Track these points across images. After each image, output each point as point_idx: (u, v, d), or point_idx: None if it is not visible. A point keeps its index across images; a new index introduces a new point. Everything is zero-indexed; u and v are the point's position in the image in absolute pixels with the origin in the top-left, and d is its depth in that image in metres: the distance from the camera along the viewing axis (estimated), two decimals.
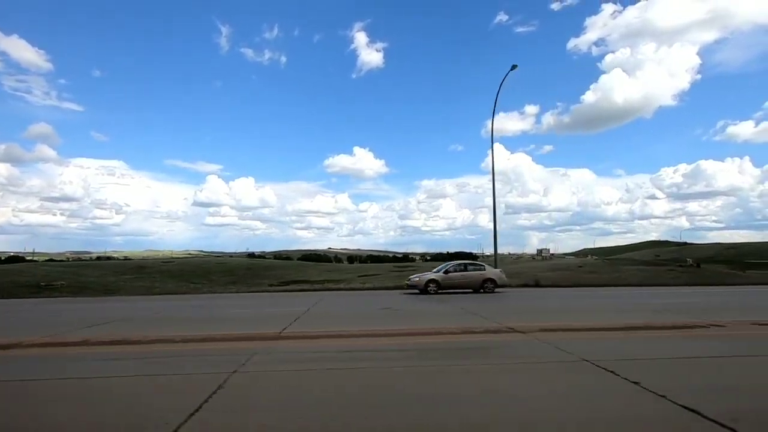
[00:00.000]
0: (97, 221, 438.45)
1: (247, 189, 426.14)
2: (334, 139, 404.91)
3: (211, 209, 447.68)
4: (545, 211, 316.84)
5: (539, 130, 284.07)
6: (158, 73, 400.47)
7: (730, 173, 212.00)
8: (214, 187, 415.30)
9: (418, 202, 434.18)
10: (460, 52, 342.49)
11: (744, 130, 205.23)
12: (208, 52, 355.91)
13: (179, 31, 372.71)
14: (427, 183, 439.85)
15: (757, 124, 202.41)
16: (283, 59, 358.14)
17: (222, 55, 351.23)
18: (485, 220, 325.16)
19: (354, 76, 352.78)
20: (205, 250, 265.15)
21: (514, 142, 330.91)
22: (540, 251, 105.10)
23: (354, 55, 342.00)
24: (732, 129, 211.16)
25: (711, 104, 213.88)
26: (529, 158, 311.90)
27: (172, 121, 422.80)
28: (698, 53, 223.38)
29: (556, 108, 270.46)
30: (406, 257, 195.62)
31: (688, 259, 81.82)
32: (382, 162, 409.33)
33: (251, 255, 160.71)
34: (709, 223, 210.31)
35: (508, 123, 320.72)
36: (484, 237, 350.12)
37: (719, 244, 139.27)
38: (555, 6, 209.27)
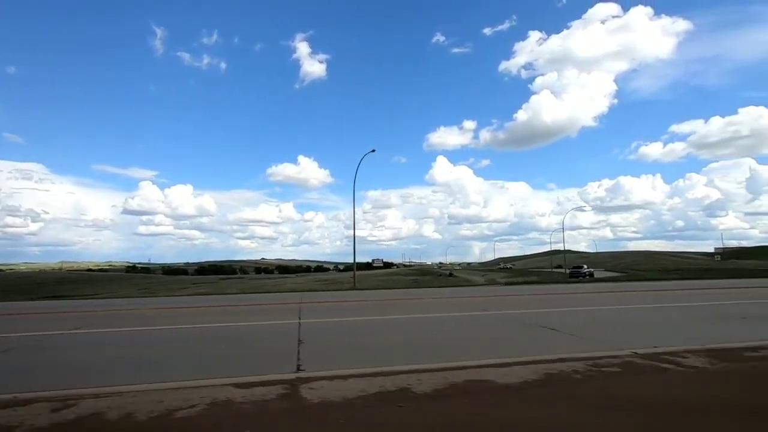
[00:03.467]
0: (9, 230, 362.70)
1: (184, 197, 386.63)
2: (277, 147, 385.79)
3: (144, 218, 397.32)
4: (485, 222, 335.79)
5: (478, 145, 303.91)
6: (85, 73, 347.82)
7: (645, 189, 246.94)
8: (148, 194, 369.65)
9: (364, 212, 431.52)
10: (401, 68, 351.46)
11: (653, 150, 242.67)
12: (141, 54, 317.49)
13: (109, 30, 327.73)
14: (373, 193, 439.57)
15: (664, 145, 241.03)
16: (223, 65, 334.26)
17: (157, 57, 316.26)
18: (429, 230, 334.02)
19: (297, 86, 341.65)
20: (132, 261, 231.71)
21: (455, 155, 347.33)
22: (373, 261, 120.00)
23: (296, 66, 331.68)
24: (644, 149, 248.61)
25: (626, 126, 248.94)
26: (470, 171, 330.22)
27: (101, 123, 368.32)
28: (614, 81, 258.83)
29: (492, 125, 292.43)
30: (309, 268, 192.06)
31: (449, 269, 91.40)
32: (327, 172, 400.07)
33: (132, 268, 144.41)
34: (629, 234, 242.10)
35: (448, 137, 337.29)
36: (430, 246, 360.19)
37: (580, 252, 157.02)
38: (487, 31, 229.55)
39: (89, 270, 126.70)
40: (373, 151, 26.51)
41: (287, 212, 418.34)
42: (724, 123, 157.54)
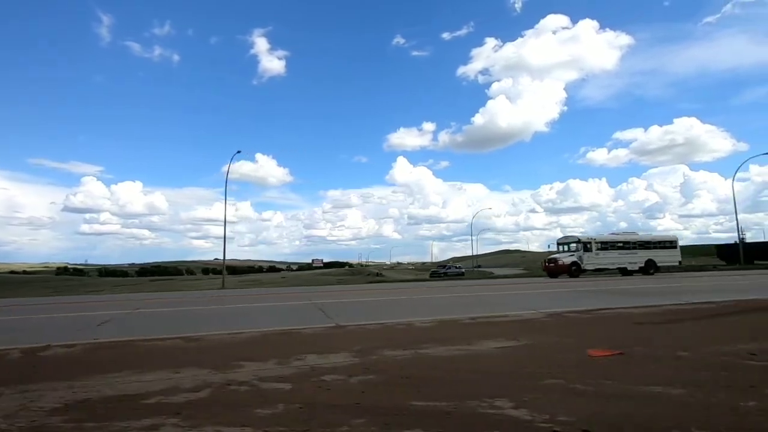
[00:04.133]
0: None
1: (133, 194, 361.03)
2: (234, 144, 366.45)
3: (87, 216, 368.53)
4: (444, 222, 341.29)
5: (437, 147, 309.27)
6: (20, 60, 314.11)
7: (592, 192, 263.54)
8: (92, 191, 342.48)
9: (324, 212, 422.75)
10: (361, 68, 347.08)
11: (599, 156, 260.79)
12: (85, 42, 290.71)
13: (49, 15, 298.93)
14: (333, 193, 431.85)
15: (609, 151, 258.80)
16: (176, 58, 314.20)
17: (103, 47, 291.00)
18: (389, 230, 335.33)
19: (255, 82, 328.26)
20: (73, 262, 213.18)
21: (415, 156, 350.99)
22: (313, 261, 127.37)
23: (255, 61, 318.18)
24: (591, 154, 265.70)
25: (575, 132, 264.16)
26: (430, 172, 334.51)
27: (38, 114, 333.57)
28: (565, 89, 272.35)
29: (451, 127, 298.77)
30: (261, 269, 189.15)
31: (377, 270, 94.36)
32: (286, 170, 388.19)
33: (64, 269, 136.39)
34: (578, 234, 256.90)
35: (408, 138, 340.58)
36: (389, 246, 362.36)
37: (531, 252, 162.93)
38: (446, 35, 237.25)
39: (11, 272, 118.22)
40: (239, 152, 26.78)
41: (244, 211, 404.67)
42: (662, 132, 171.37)
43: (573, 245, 24.91)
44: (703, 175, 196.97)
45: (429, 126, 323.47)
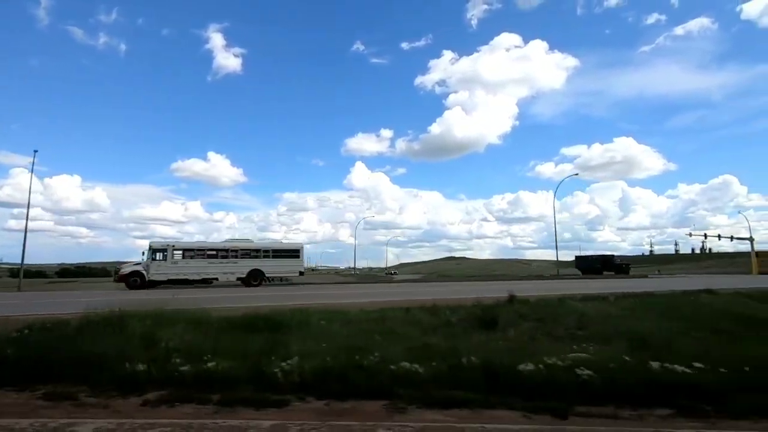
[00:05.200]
0: None
1: (69, 189, 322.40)
2: (184, 141, 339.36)
3: (15, 211, 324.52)
4: (400, 228, 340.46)
5: (394, 153, 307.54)
6: None
7: (540, 203, 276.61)
8: (21, 184, 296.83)
9: (279, 215, 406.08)
10: (320, 71, 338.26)
11: (547, 169, 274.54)
12: (19, 23, 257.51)
13: None
14: (289, 195, 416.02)
15: (556, 165, 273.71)
16: (123, 47, 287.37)
17: (40, 29, 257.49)
18: (346, 235, 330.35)
19: (209, 78, 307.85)
20: None
21: (372, 162, 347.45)
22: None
23: (209, 57, 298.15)
24: (539, 168, 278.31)
25: (525, 146, 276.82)
26: (387, 178, 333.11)
27: None
28: (517, 104, 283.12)
29: (408, 135, 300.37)
30: None
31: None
32: (240, 171, 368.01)
33: None
34: (526, 244, 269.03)
35: (366, 144, 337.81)
36: (345, 251, 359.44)
37: (463, 258, 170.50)
38: (405, 45, 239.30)
39: None
40: (36, 151, 26.71)
41: (194, 211, 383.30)
42: (603, 149, 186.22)
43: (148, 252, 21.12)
44: (638, 191, 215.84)
45: (387, 133, 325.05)
